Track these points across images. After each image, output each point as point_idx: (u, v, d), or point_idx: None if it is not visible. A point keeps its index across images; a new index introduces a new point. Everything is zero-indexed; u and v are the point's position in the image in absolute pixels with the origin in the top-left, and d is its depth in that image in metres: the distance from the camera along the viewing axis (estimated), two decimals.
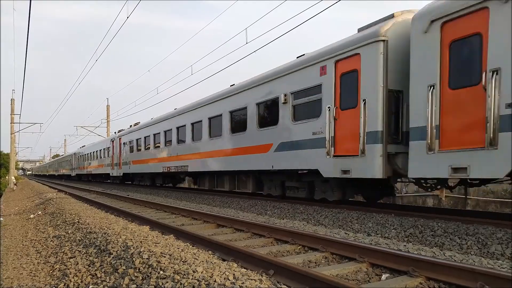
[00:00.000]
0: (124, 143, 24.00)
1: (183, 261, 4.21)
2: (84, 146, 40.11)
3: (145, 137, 20.20)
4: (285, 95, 9.73)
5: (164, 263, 4.20)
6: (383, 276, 4.14)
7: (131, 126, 24.00)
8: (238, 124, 11.95)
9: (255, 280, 3.52)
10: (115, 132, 27.71)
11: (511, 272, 3.87)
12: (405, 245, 5.60)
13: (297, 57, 9.83)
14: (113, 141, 26.72)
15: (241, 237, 6.51)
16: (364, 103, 7.54)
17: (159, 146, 18.20)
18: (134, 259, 4.61)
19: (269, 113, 10.58)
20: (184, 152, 15.48)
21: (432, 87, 6.42)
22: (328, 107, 8.36)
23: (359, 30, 8.35)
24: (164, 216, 9.61)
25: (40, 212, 12.50)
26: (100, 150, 30.45)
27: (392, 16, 7.80)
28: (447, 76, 6.31)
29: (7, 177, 47.33)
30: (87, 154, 35.57)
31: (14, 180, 39.53)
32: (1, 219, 12.42)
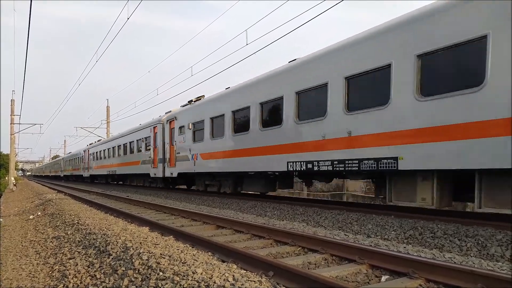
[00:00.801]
0: (90, 154, 34.77)
1: (182, 262, 4.20)
2: (70, 153, 51.28)
3: (99, 151, 31.24)
4: (143, 138, 20.49)
5: (163, 264, 4.20)
6: (383, 278, 4.13)
7: (95, 142, 35.19)
8: (130, 150, 23.36)
9: (254, 281, 3.52)
10: (87, 145, 37.73)
11: (511, 274, 3.87)
12: (405, 247, 5.60)
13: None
14: (85, 151, 37.15)
15: (241, 239, 6.50)
16: (157, 147, 18.30)
17: (106, 158, 29.23)
18: (133, 260, 4.60)
19: (138, 146, 21.69)
20: (114, 162, 26.95)
21: (167, 144, 17.07)
22: (152, 146, 19.03)
23: (166, 113, 18.41)
24: (163, 217, 9.60)
25: (39, 213, 12.50)
26: (78, 157, 41.19)
27: (170, 111, 17.84)
28: (170, 140, 16.78)
29: (6, 177, 47.33)
30: (70, 160, 46.88)
31: (14, 181, 39.52)
32: (1, 219, 12.41)
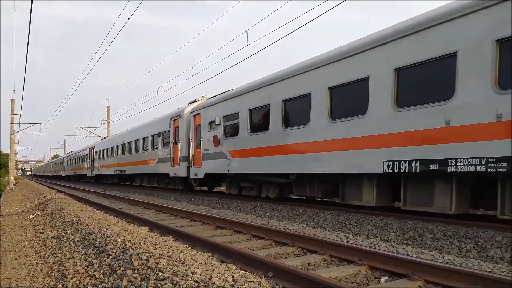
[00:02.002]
0: (66, 161, 50.70)
1: (182, 263, 4.20)
2: (59, 157, 71.65)
3: (70, 159, 46.54)
4: (86, 155, 35.89)
5: (163, 265, 4.20)
6: (382, 279, 4.13)
7: (70, 152, 52.22)
8: (81, 160, 38.36)
9: (254, 282, 3.52)
10: (65, 154, 57.76)
11: (510, 275, 3.87)
12: (404, 248, 5.60)
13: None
14: (63, 159, 54.70)
15: (240, 239, 6.50)
16: (89, 160, 34.98)
17: (72, 164, 43.15)
18: (133, 260, 4.60)
19: (84, 159, 36.66)
20: (75, 167, 41.28)
21: (92, 159, 33.66)
22: (88, 159, 35.46)
23: (95, 142, 33.53)
24: (163, 217, 9.60)
25: (39, 213, 12.49)
26: (61, 162, 58.33)
27: (97, 141, 33.72)
28: (93, 158, 33.22)
29: (6, 177, 47.37)
30: (56, 163, 65.55)
31: (14, 181, 39.52)
32: (0, 219, 12.41)
